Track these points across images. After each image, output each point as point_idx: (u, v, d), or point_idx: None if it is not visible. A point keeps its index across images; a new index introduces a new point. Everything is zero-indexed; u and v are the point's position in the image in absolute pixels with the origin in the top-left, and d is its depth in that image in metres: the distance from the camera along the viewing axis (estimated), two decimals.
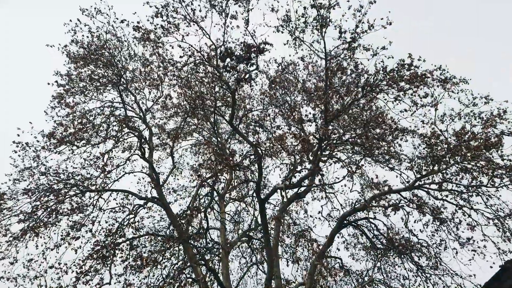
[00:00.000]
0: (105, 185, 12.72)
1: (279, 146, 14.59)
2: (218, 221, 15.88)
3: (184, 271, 9.56)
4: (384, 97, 9.85)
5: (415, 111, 10.21)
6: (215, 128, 11.51)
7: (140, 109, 14.21)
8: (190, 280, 9.66)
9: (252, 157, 14.78)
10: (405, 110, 10.09)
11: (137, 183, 14.60)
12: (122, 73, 12.51)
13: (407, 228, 12.27)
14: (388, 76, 9.33)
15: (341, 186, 14.54)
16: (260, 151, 10.45)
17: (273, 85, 13.19)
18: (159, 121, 15.74)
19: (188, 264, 10.16)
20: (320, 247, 11.61)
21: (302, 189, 13.63)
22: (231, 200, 17.98)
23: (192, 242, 10.67)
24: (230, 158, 10.38)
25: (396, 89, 9.46)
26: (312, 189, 14.82)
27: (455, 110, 12.26)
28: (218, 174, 10.90)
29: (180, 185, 16.60)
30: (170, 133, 14.55)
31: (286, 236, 15.64)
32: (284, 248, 16.57)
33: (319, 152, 10.62)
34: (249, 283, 18.25)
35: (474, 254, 10.92)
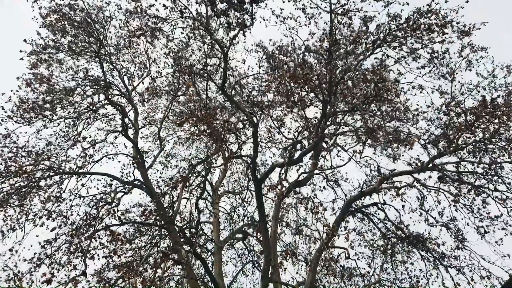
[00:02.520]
0: (83, 166, 11.35)
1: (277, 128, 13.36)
2: (211, 213, 14.53)
3: (167, 255, 8.14)
4: (397, 52, 8.61)
5: (433, 67, 8.97)
6: (206, 90, 10.12)
7: (126, 87, 12.95)
8: (173, 262, 8.24)
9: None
10: (422, 67, 8.86)
11: (122, 170, 13.17)
12: (102, 39, 11.24)
13: (423, 210, 10.88)
14: (403, 26, 8.09)
15: (345, 173, 13.18)
16: (255, 120, 9.15)
17: (271, 60, 11.99)
18: (145, 106, 14.52)
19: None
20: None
21: (302, 177, 12.38)
22: (226, 193, 16.66)
23: (176, 225, 9.28)
24: (216, 112, 9.05)
25: (415, 36, 8.22)
26: (312, 180, 13.54)
27: (473, 82, 11.13)
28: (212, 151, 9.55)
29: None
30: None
31: (285, 226, 14.23)
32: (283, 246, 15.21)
33: (322, 121, 9.34)
34: (245, 286, 16.84)
35: (506, 233, 9.54)
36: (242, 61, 9.89)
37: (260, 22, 9.16)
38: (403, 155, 10.33)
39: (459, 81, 9.61)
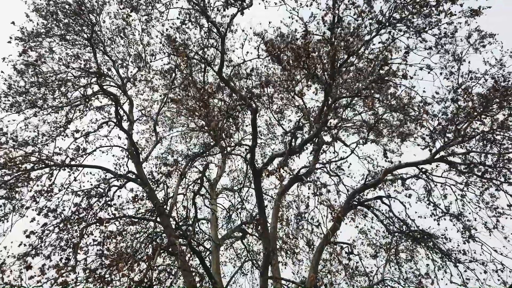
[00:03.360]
0: (75, 159, 10.88)
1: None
2: (210, 209, 14.02)
3: (161, 246, 7.65)
4: (404, 33, 8.20)
5: (442, 47, 8.56)
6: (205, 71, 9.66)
7: (120, 78, 12.52)
8: (165, 252, 7.77)
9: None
10: (430, 48, 8.44)
11: (116, 163, 12.64)
12: (95, 23, 10.80)
13: (431, 201, 10.42)
14: (410, 2, 7.69)
15: (348, 166, 12.69)
16: (254, 105, 8.71)
17: (269, 48, 11.58)
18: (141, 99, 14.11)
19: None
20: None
21: (304, 170, 11.94)
22: (224, 190, 16.20)
23: (171, 215, 8.80)
24: (212, 88, 8.58)
25: (422, 15, 7.81)
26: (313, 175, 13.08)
27: (481, 70, 10.75)
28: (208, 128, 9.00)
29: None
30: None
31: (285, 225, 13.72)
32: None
33: (325, 108, 8.90)
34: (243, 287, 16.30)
35: None
36: (240, 45, 9.47)
37: (259, 3, 8.77)
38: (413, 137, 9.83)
39: (468, 63, 9.18)
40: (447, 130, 9.67)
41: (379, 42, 8.82)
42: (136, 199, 9.16)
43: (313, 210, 9.06)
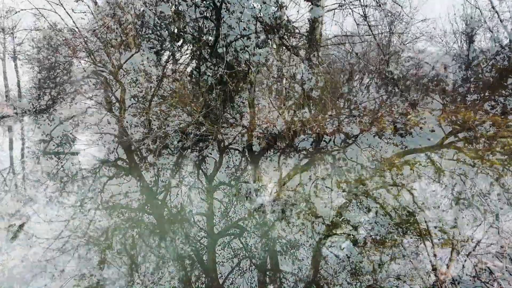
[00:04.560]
0: (62, 144, 10.30)
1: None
2: (205, 202, 13.39)
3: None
4: None
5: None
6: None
7: (112, 64, 11.97)
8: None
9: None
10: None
11: (105, 151, 12.05)
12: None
13: (441, 184, 9.80)
14: None
15: (350, 158, 12.04)
16: (250, 85, 8.14)
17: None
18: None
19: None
20: None
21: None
22: (222, 184, 15.55)
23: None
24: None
25: None
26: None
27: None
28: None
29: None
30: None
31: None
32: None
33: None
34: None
35: None
36: (237, 20, 8.88)
37: None
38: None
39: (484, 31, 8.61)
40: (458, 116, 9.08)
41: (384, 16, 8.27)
42: (121, 175, 8.56)
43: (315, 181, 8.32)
